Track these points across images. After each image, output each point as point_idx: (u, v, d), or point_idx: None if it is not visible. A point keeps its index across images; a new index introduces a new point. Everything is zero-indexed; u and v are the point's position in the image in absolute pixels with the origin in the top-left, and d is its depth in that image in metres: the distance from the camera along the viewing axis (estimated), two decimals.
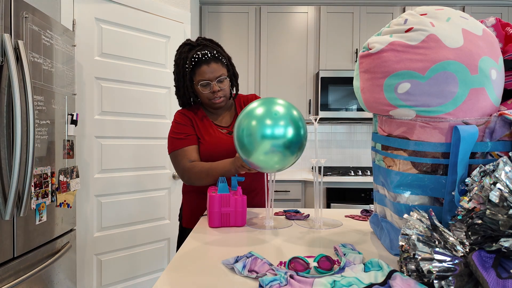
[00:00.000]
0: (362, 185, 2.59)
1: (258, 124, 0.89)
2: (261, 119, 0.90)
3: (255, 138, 0.89)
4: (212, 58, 1.23)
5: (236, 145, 0.95)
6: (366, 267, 0.64)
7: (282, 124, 0.89)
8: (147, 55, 2.15)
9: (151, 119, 2.19)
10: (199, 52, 1.23)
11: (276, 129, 0.89)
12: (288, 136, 0.89)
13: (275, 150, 0.89)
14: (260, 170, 0.97)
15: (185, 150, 1.26)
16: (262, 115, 0.91)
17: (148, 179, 2.18)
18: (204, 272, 0.68)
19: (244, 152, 0.93)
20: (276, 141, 0.89)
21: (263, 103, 0.94)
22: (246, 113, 0.94)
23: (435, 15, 0.72)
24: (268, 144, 0.89)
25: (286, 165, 0.95)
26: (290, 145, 0.90)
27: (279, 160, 0.92)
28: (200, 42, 1.28)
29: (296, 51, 2.91)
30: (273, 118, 0.90)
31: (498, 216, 0.49)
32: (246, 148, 0.92)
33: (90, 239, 1.94)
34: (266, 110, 0.91)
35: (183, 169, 1.24)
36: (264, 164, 0.93)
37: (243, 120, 0.93)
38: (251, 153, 0.91)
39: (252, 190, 1.34)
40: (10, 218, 1.18)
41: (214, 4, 2.91)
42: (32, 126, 1.24)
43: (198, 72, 1.24)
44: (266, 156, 0.90)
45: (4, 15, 1.17)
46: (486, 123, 0.68)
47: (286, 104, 0.94)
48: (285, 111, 0.92)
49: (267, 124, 0.89)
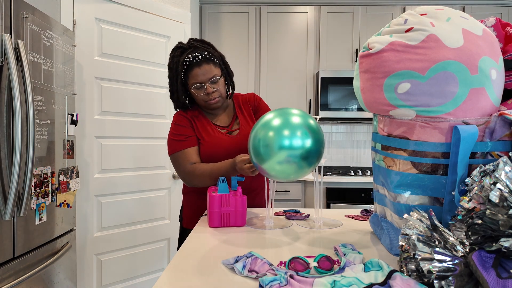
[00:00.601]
0: (362, 185, 2.59)
1: (276, 135, 0.87)
2: (279, 129, 0.87)
3: (272, 149, 0.87)
4: (203, 60, 1.21)
5: (251, 153, 0.93)
6: (366, 267, 0.64)
7: (301, 135, 0.87)
8: (147, 55, 2.15)
9: (151, 119, 2.19)
10: (189, 55, 1.21)
11: (294, 140, 0.86)
12: (306, 147, 0.87)
13: (291, 160, 0.87)
14: (271, 178, 0.96)
15: (185, 152, 1.25)
16: (280, 125, 0.88)
17: (148, 179, 2.18)
18: (204, 272, 0.68)
19: (258, 160, 0.91)
20: (293, 152, 0.86)
21: (279, 114, 0.92)
22: (263, 123, 0.91)
23: (435, 15, 0.72)
24: (284, 154, 0.86)
25: (300, 176, 0.93)
26: (308, 156, 0.88)
27: (293, 171, 0.89)
28: (191, 44, 1.27)
29: (296, 51, 2.91)
30: (291, 128, 0.87)
31: (498, 216, 0.49)
32: (262, 156, 0.90)
33: (90, 239, 1.94)
34: (284, 120, 0.89)
35: (184, 171, 1.24)
36: (277, 174, 0.91)
37: (260, 131, 0.90)
38: (265, 161, 0.89)
39: (253, 190, 1.33)
40: (10, 218, 1.18)
41: (214, 4, 2.91)
42: (32, 126, 1.24)
43: (190, 75, 1.23)
44: (281, 166, 0.88)
45: (4, 15, 1.17)
46: (486, 123, 0.68)
47: (302, 113, 0.92)
48: (302, 121, 0.90)
49: (285, 135, 0.87)
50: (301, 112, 0.93)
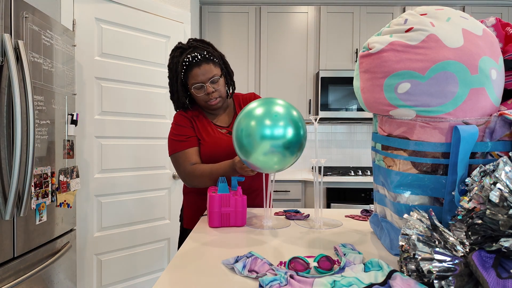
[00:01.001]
0: (362, 185, 2.59)
1: (257, 124, 0.89)
2: (261, 119, 0.89)
3: (254, 139, 0.89)
4: (202, 60, 1.21)
5: (235, 145, 0.95)
6: (366, 267, 0.64)
7: (282, 124, 0.89)
8: (147, 55, 2.15)
9: (151, 119, 2.19)
10: (189, 55, 1.21)
11: (275, 130, 0.88)
12: (287, 137, 0.89)
13: (275, 150, 0.89)
14: (259, 170, 0.97)
15: (185, 153, 1.25)
16: (261, 115, 0.90)
17: (148, 179, 2.18)
18: (204, 272, 0.68)
19: (243, 153, 0.93)
20: (275, 142, 0.88)
21: (262, 103, 0.93)
22: (245, 113, 0.93)
23: (435, 15, 0.72)
24: (268, 144, 0.88)
25: (285, 165, 0.95)
26: (289, 146, 0.90)
27: (278, 160, 0.91)
28: (191, 44, 1.26)
29: (296, 51, 2.91)
30: (273, 118, 0.89)
31: (498, 216, 0.49)
32: (245, 148, 0.91)
33: (90, 239, 1.94)
34: (266, 110, 0.91)
35: (184, 172, 1.24)
36: (263, 165, 0.93)
37: (242, 120, 0.92)
38: (250, 154, 0.91)
39: (253, 191, 1.33)
40: (10, 218, 1.18)
41: (214, 4, 2.91)
42: (32, 126, 1.24)
43: (190, 76, 1.23)
44: (265, 157, 0.90)
45: (4, 15, 1.17)
46: (486, 123, 0.68)
47: (285, 104, 0.94)
48: (284, 111, 0.91)
49: (266, 125, 0.89)
50: (285, 103, 0.95)
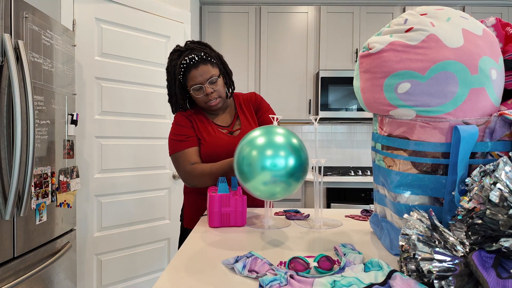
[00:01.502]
0: (362, 185, 2.59)
1: (259, 155, 0.84)
2: (262, 150, 0.84)
3: (255, 169, 0.84)
4: (200, 61, 1.21)
5: (236, 171, 0.91)
6: (366, 267, 0.64)
7: (283, 154, 0.84)
8: (147, 55, 2.15)
9: (151, 119, 2.19)
10: (186, 57, 1.21)
11: (277, 160, 0.83)
12: (289, 166, 0.84)
13: (277, 180, 0.84)
14: (258, 197, 0.93)
15: (185, 152, 1.25)
16: (262, 145, 0.85)
17: (148, 179, 2.18)
18: (204, 272, 0.68)
19: (242, 179, 0.89)
20: (277, 172, 0.83)
21: (264, 133, 0.89)
22: (248, 141, 0.89)
23: (435, 15, 0.72)
24: (268, 175, 0.83)
25: (291, 192, 0.90)
26: (293, 173, 0.85)
27: (282, 189, 0.86)
28: (188, 46, 1.27)
29: (296, 51, 2.91)
30: (274, 148, 0.84)
31: (498, 216, 0.49)
32: (246, 175, 0.87)
33: (90, 239, 1.94)
34: (267, 140, 0.86)
35: (184, 171, 1.24)
36: (263, 194, 0.88)
37: (245, 148, 0.88)
38: (249, 181, 0.87)
39: None
40: (10, 218, 1.18)
41: (214, 4, 2.91)
42: (32, 126, 1.24)
43: (188, 78, 1.23)
44: (266, 187, 0.85)
45: (4, 15, 1.17)
46: (486, 123, 0.68)
47: (285, 132, 0.90)
48: (285, 140, 0.87)
49: (267, 155, 0.84)
50: (285, 131, 0.90)
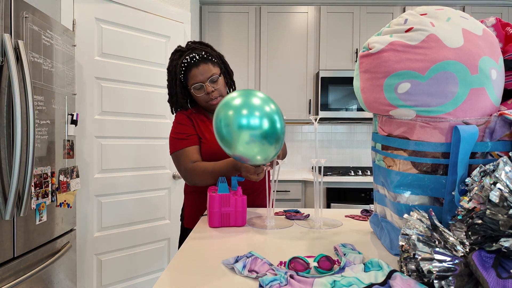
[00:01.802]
0: (362, 185, 2.59)
1: (235, 114, 0.91)
2: (238, 109, 0.91)
3: (233, 129, 0.91)
4: (200, 60, 1.22)
5: (217, 138, 0.96)
6: (366, 267, 0.64)
7: (258, 115, 0.91)
8: (147, 55, 2.15)
9: (151, 119, 2.19)
10: (187, 56, 1.22)
11: (251, 120, 0.90)
12: (264, 128, 0.91)
13: (254, 140, 0.91)
14: (245, 162, 0.99)
15: (186, 151, 1.25)
16: (239, 105, 0.92)
17: (148, 179, 2.18)
18: (204, 272, 0.68)
19: (225, 145, 0.95)
20: (253, 132, 0.90)
21: (242, 95, 0.96)
22: (224, 103, 0.95)
23: (435, 15, 0.72)
24: (247, 134, 0.90)
25: (267, 155, 0.96)
26: (266, 136, 0.92)
27: (259, 151, 0.93)
28: (189, 46, 1.28)
29: (296, 51, 2.91)
30: (250, 108, 0.91)
31: (498, 216, 0.49)
32: (225, 140, 0.93)
33: (90, 239, 1.94)
34: (244, 101, 0.93)
35: (185, 170, 1.24)
36: (246, 155, 0.95)
37: (221, 111, 0.94)
38: (232, 145, 0.93)
39: (254, 190, 1.34)
40: (10, 218, 1.18)
41: (214, 4, 2.91)
42: (32, 126, 1.24)
43: (189, 76, 1.24)
44: (246, 147, 0.92)
45: (4, 15, 1.17)
46: (486, 123, 0.68)
47: (264, 97, 0.96)
48: (262, 103, 0.93)
49: (243, 114, 0.90)
50: (264, 95, 0.97)
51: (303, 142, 3.26)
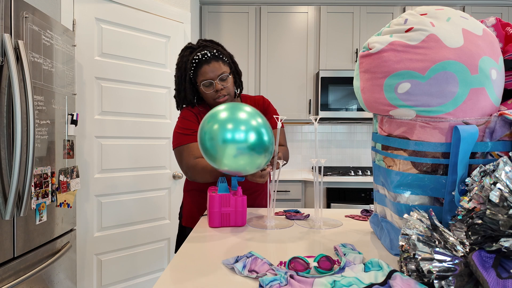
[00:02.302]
0: (362, 185, 2.59)
1: (220, 128, 0.89)
2: (223, 123, 0.89)
3: (217, 143, 0.89)
4: (212, 57, 1.23)
5: (201, 151, 0.95)
6: (366, 267, 0.64)
7: (243, 129, 0.89)
8: (147, 55, 2.15)
9: (151, 119, 2.19)
10: (199, 53, 1.23)
11: (237, 134, 0.88)
12: (250, 141, 0.89)
13: (242, 152, 0.89)
14: (233, 174, 0.97)
15: (190, 146, 1.26)
16: (225, 119, 0.90)
17: (148, 179, 2.18)
18: (204, 272, 0.68)
19: (209, 158, 0.93)
20: (239, 145, 0.88)
21: (228, 108, 0.94)
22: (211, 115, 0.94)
23: (435, 15, 0.72)
24: (233, 148, 0.88)
25: (259, 165, 0.94)
26: (254, 148, 0.90)
27: (247, 162, 0.91)
28: (200, 43, 1.29)
29: (296, 51, 2.91)
30: (235, 123, 0.89)
31: (498, 216, 0.49)
32: (210, 153, 0.91)
33: (90, 239, 1.94)
34: (230, 115, 0.91)
35: (187, 165, 1.24)
36: (234, 168, 0.92)
37: (206, 123, 0.93)
38: (216, 160, 0.91)
39: (255, 191, 1.34)
40: (10, 218, 1.18)
41: (214, 4, 2.91)
42: (32, 126, 1.24)
43: (199, 73, 1.25)
44: (233, 160, 0.90)
45: (4, 15, 1.17)
46: (486, 123, 0.68)
47: (251, 111, 0.95)
48: (248, 117, 0.91)
49: (228, 129, 0.89)
50: (251, 109, 0.96)
51: (303, 142, 3.26)
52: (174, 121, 2.29)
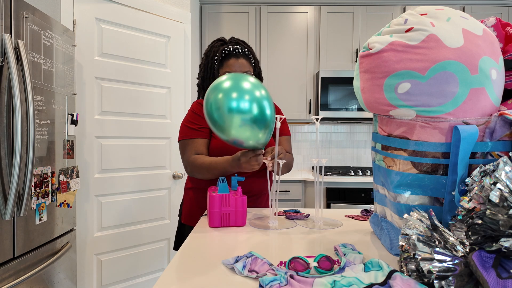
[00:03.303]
0: (362, 185, 2.59)
1: (225, 97, 0.95)
2: (228, 92, 0.95)
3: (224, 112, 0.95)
4: (242, 54, 1.27)
5: (209, 123, 1.00)
6: (366, 267, 0.64)
7: (248, 98, 0.95)
8: (147, 55, 2.15)
9: (151, 119, 2.19)
10: (230, 46, 1.27)
11: (241, 103, 0.94)
12: (254, 112, 0.95)
13: (246, 123, 0.95)
14: (238, 144, 1.02)
15: (194, 141, 1.26)
16: (229, 88, 0.96)
17: (148, 179, 2.18)
18: (204, 272, 0.68)
19: (217, 130, 0.99)
20: (244, 116, 0.94)
21: (232, 78, 1.00)
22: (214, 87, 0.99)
23: (435, 15, 0.72)
24: (238, 118, 0.95)
25: (257, 139, 1.00)
26: (255, 120, 0.96)
27: (251, 134, 0.97)
28: (233, 39, 1.34)
29: (296, 51, 2.91)
30: (239, 92, 0.95)
31: (498, 216, 0.49)
32: (218, 124, 0.97)
33: (90, 239, 1.94)
34: (234, 84, 0.97)
35: (187, 159, 1.25)
36: (239, 136, 0.98)
37: (210, 95, 0.98)
38: (225, 130, 0.97)
39: (254, 194, 1.34)
40: (10, 218, 1.18)
41: (214, 4, 2.91)
42: (32, 126, 1.24)
43: (226, 64, 1.27)
44: (239, 129, 0.96)
45: (4, 15, 1.17)
46: (486, 123, 0.68)
47: (255, 82, 1.00)
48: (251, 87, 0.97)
49: (233, 98, 0.94)
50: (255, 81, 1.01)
51: (303, 142, 3.26)
52: (174, 121, 2.29)
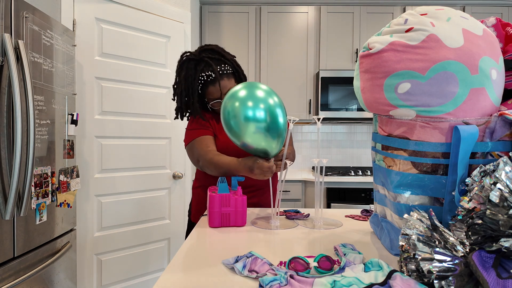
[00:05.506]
0: (362, 185, 2.59)
1: (241, 106, 1.00)
2: (244, 101, 1.01)
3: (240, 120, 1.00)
4: (215, 78, 1.24)
5: (225, 129, 1.05)
6: (366, 267, 0.64)
7: (263, 107, 1.00)
8: (147, 55, 2.15)
9: (151, 119, 2.19)
10: (203, 73, 1.25)
11: (257, 112, 1.00)
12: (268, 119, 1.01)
13: (260, 131, 1.01)
14: (248, 149, 1.06)
15: (202, 138, 1.28)
16: (244, 97, 1.01)
17: (148, 179, 2.18)
18: (204, 272, 0.68)
19: (233, 135, 1.04)
20: (259, 124, 1.00)
21: (246, 87, 1.05)
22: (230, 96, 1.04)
23: (435, 15, 0.72)
24: (253, 126, 1.00)
25: (270, 147, 1.05)
26: (269, 128, 1.01)
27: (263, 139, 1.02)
28: (202, 57, 1.26)
29: (296, 51, 2.91)
30: (255, 100, 1.01)
31: (498, 216, 0.49)
32: (234, 131, 1.03)
33: (90, 239, 1.94)
34: (249, 94, 1.02)
35: (199, 154, 1.24)
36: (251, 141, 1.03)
37: (228, 103, 1.04)
38: (239, 135, 1.03)
39: (258, 189, 1.35)
40: (10, 218, 1.18)
41: (214, 4, 2.91)
42: (32, 126, 1.24)
43: (207, 92, 1.29)
44: (253, 136, 1.01)
45: (4, 15, 1.17)
46: (486, 123, 0.68)
47: (268, 89, 1.05)
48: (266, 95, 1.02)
49: (249, 106, 0.99)
50: (268, 88, 1.06)
51: (303, 142, 3.26)
52: (174, 121, 2.29)
